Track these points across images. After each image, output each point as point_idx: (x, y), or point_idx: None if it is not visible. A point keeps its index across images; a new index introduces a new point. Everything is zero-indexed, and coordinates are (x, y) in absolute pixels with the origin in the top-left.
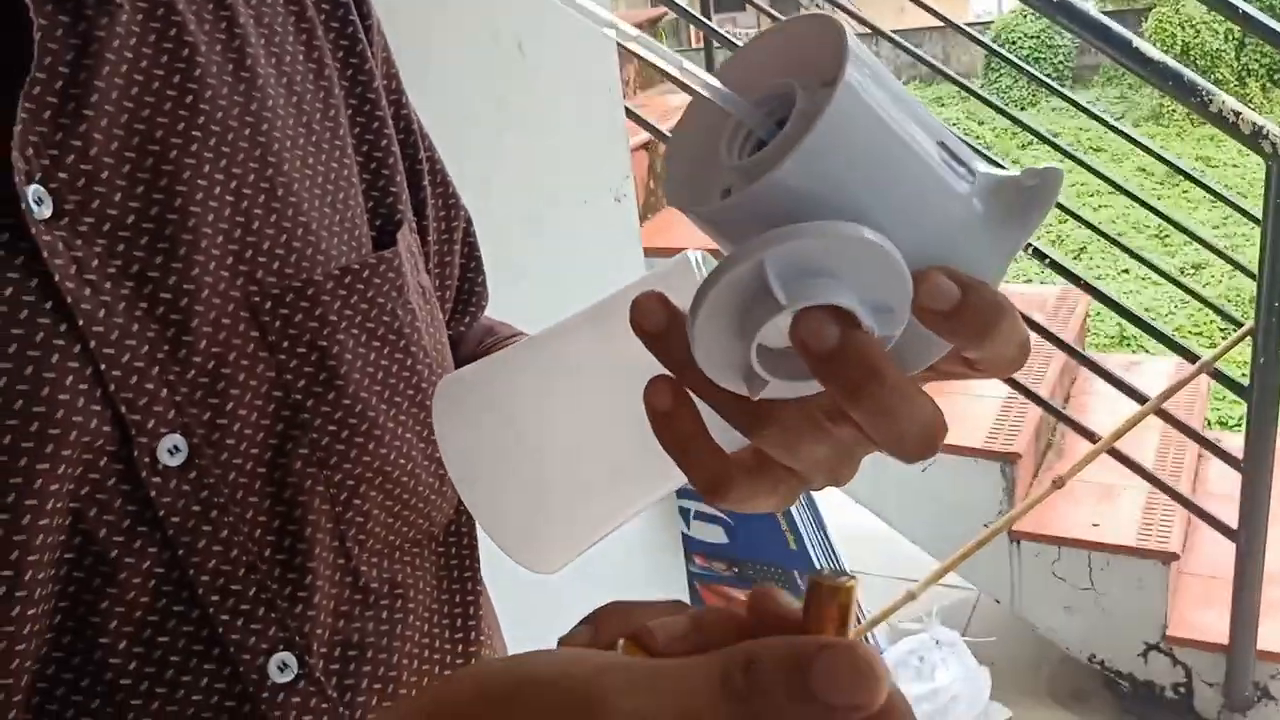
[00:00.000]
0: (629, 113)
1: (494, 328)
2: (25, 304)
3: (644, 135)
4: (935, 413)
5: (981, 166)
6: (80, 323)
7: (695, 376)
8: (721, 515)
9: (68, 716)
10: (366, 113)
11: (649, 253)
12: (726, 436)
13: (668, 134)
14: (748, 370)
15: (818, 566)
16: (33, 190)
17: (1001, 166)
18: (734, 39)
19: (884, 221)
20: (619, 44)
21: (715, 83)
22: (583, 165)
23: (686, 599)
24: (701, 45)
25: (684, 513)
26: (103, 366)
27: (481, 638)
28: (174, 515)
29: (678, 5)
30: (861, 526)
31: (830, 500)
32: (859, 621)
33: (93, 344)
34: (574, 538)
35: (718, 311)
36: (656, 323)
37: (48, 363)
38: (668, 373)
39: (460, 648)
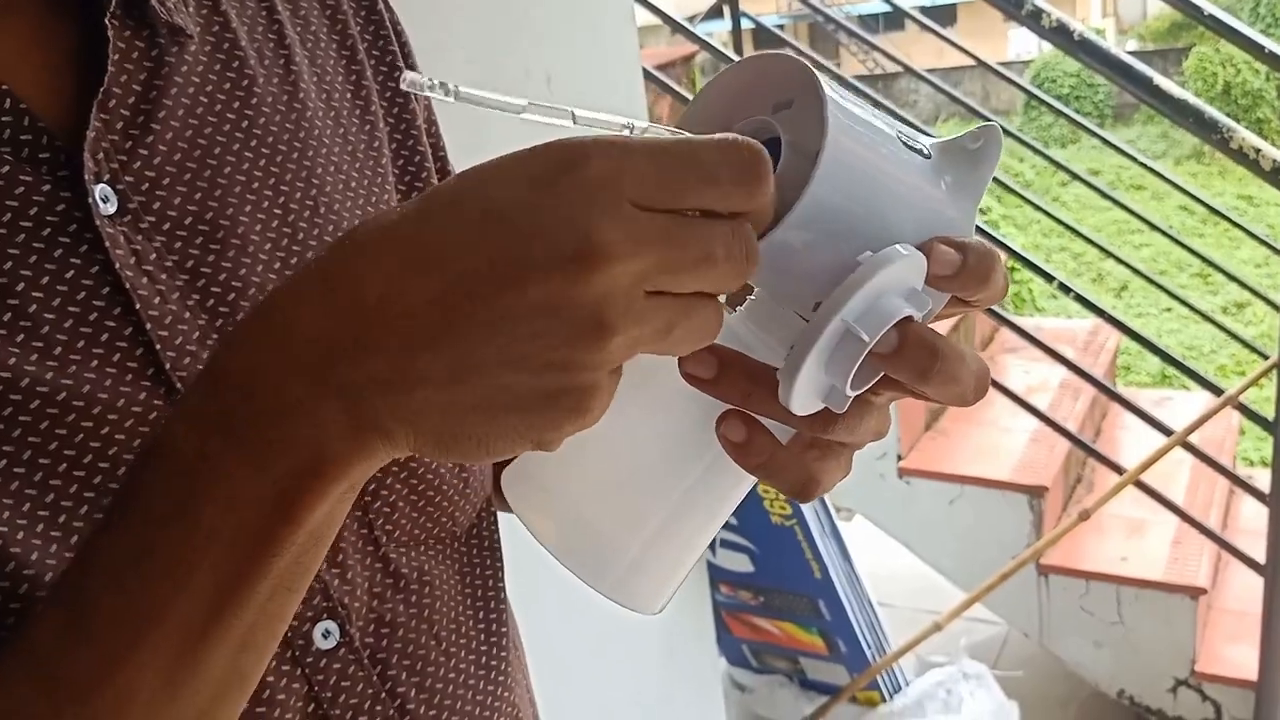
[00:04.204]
0: None
1: None
2: (84, 287)
3: None
4: (982, 362)
5: (927, 141)
6: (137, 306)
7: (760, 401)
8: (747, 545)
9: None
10: (410, 147)
11: None
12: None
13: None
14: (837, 396)
15: (841, 596)
16: (99, 189)
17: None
18: None
19: (887, 218)
20: (654, 78)
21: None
22: None
23: (712, 628)
24: None
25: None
26: (158, 346)
27: (505, 631)
28: None
29: (711, 45)
30: (890, 558)
31: (858, 531)
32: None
33: (148, 325)
34: (672, 566)
35: (811, 368)
36: (709, 371)
37: (98, 340)
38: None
39: (485, 639)
